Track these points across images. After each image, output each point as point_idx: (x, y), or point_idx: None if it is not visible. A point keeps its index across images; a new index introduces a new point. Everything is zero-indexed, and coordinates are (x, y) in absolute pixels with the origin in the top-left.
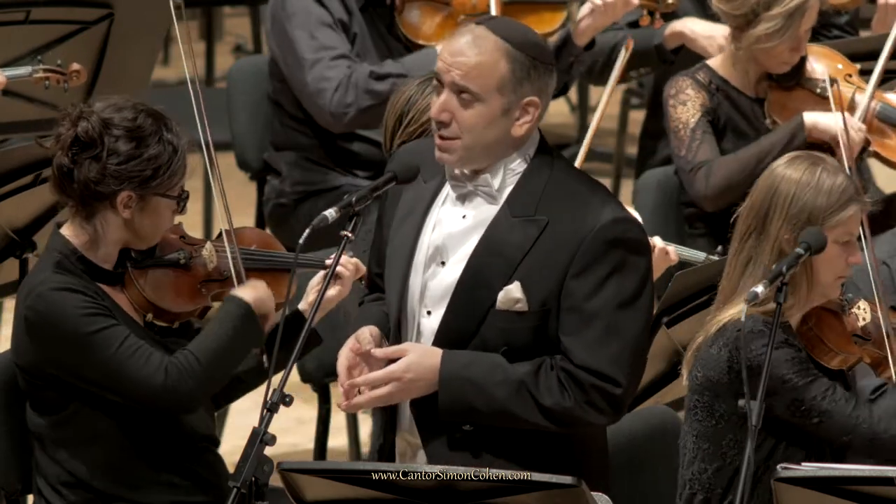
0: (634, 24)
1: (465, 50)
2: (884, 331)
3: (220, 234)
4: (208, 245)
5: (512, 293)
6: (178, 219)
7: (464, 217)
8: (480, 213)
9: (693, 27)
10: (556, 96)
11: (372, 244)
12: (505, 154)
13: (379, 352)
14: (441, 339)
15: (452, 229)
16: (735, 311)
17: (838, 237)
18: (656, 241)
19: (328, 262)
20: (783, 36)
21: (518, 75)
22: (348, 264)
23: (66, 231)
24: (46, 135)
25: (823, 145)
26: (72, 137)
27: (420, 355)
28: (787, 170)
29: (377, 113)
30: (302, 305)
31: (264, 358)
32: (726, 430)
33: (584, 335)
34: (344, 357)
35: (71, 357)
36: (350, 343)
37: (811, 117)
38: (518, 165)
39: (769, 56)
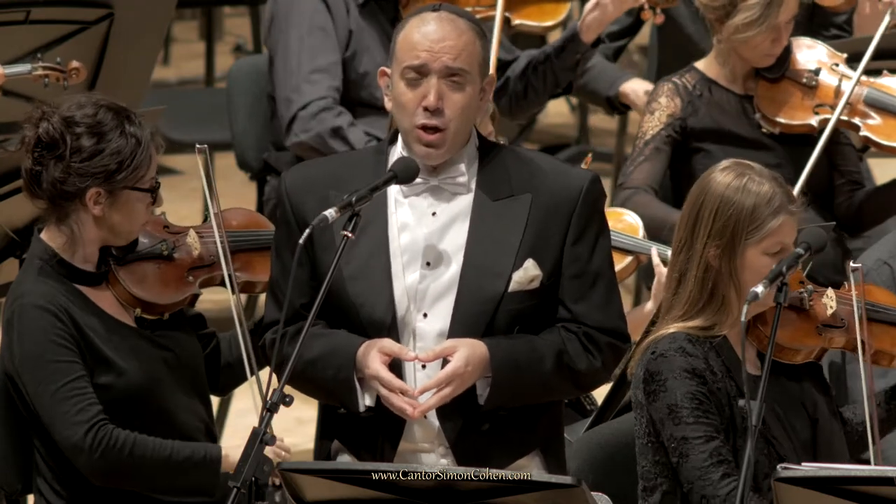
0: (622, 34)
1: (446, 34)
2: (855, 314)
3: (205, 219)
4: (191, 232)
5: (530, 271)
6: (174, 214)
7: (434, 214)
8: (452, 207)
9: (637, 90)
10: (560, 94)
11: (294, 278)
12: (467, 139)
13: (431, 354)
14: (454, 336)
15: (426, 229)
16: (664, 331)
17: (768, 248)
18: None
19: None
20: (761, 25)
21: (485, 54)
22: None
23: (45, 235)
24: (9, 139)
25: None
26: (34, 139)
27: (470, 348)
28: (712, 181)
29: (316, 157)
30: None
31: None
32: (653, 451)
33: (592, 297)
34: (384, 370)
35: (25, 375)
36: (378, 357)
37: None
38: (473, 152)
39: (749, 47)
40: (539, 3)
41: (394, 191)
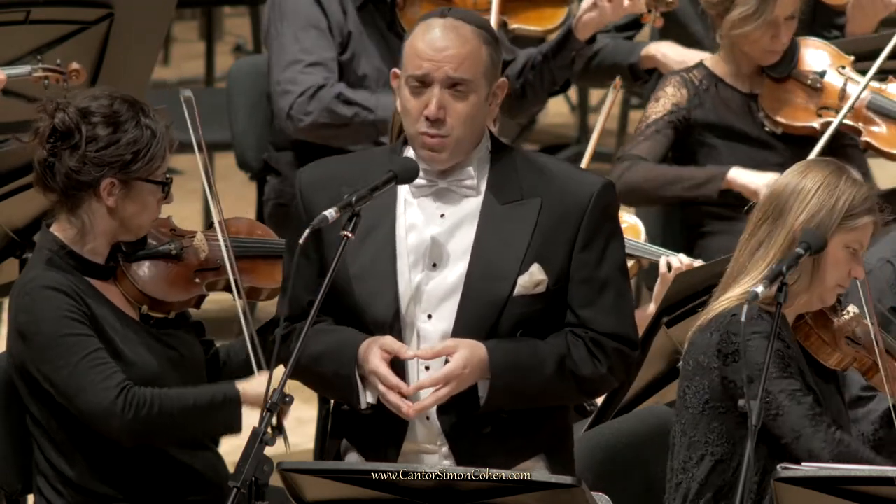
0: (629, 26)
1: (450, 43)
2: (873, 336)
3: (210, 225)
4: (199, 235)
5: (535, 276)
6: (174, 215)
7: (442, 216)
8: (461, 209)
9: (665, 51)
10: (557, 93)
11: (297, 274)
12: (477, 143)
13: (430, 353)
14: (458, 337)
15: (433, 231)
16: (733, 296)
17: (850, 242)
18: (682, 259)
19: None
20: (758, 20)
21: (494, 59)
22: None
23: (54, 228)
24: (23, 132)
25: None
26: (49, 129)
27: (470, 349)
28: (813, 167)
29: (333, 133)
30: None
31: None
32: (712, 417)
33: (600, 303)
34: (383, 367)
35: (41, 355)
36: (378, 353)
37: (735, 172)
38: (485, 155)
39: (749, 43)
40: (537, 8)
41: (403, 192)
